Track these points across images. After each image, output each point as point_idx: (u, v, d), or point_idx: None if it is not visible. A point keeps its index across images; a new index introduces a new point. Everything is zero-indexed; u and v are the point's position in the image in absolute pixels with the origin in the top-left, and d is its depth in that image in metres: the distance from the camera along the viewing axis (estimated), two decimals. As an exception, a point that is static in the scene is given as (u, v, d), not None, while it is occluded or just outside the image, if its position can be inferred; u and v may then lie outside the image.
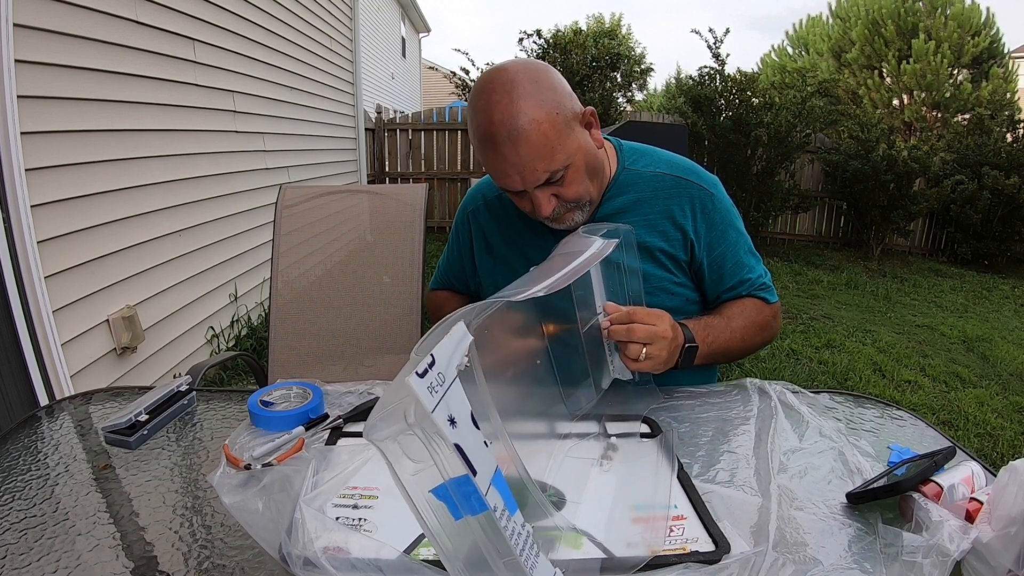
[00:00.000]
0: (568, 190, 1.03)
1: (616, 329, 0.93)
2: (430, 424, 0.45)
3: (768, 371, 3.43)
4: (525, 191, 1.01)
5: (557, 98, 0.98)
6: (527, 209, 1.07)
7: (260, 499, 0.68)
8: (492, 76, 0.98)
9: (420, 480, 0.48)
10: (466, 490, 0.47)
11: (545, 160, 0.97)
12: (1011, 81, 11.04)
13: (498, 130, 0.95)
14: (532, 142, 0.95)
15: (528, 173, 0.98)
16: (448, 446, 0.46)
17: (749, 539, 0.67)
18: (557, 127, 0.97)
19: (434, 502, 0.48)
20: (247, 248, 3.59)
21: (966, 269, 6.80)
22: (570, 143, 0.99)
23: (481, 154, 1.01)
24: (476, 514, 0.48)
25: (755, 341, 1.16)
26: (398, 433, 0.46)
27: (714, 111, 6.36)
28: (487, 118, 0.96)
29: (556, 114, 0.97)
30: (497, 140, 0.95)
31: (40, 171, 1.99)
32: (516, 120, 0.94)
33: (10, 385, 1.92)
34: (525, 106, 0.95)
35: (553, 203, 1.03)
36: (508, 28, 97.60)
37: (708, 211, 1.14)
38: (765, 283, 1.20)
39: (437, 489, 0.47)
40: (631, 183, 1.15)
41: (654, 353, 0.93)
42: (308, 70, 4.70)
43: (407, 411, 0.45)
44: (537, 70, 1.00)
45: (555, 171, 0.99)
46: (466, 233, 1.29)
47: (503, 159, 0.97)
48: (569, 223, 1.09)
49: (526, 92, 0.95)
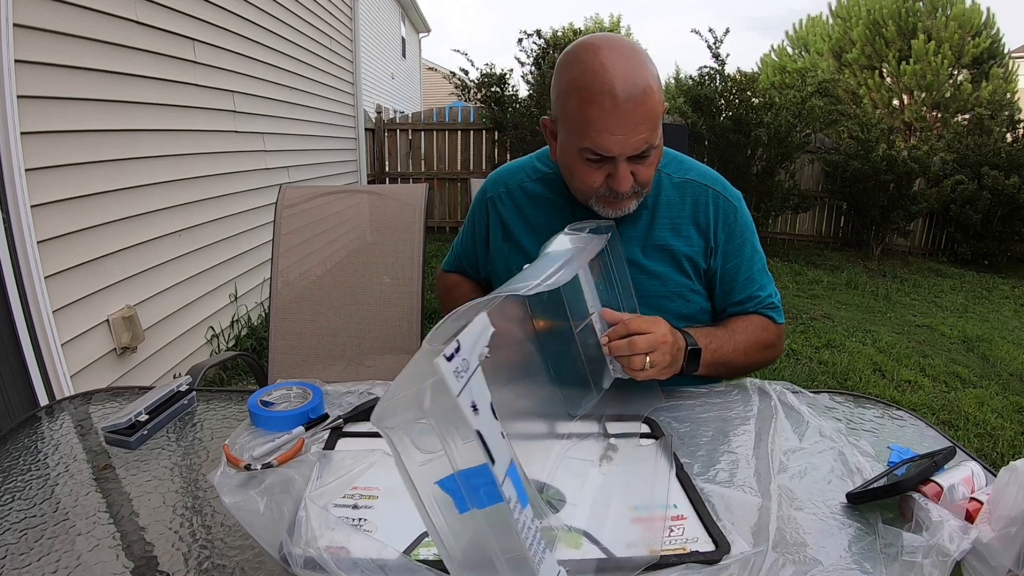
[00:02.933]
0: (647, 171, 1.02)
1: (617, 345, 0.92)
2: (454, 408, 0.45)
3: (768, 371, 3.42)
4: (611, 160, 0.99)
5: (659, 81, 1.00)
6: (595, 183, 1.02)
7: (261, 499, 0.68)
8: (607, 36, 0.99)
9: (427, 471, 0.47)
10: (477, 481, 0.47)
11: (651, 130, 0.97)
12: (1011, 81, 11.04)
13: (618, 85, 0.93)
14: (648, 107, 0.95)
15: (633, 137, 0.96)
16: (470, 432, 0.46)
17: (749, 539, 0.67)
18: (661, 104, 0.98)
19: (439, 495, 0.48)
20: (247, 248, 3.59)
21: (966, 269, 6.79)
22: (661, 125, 1.00)
23: (583, 109, 0.96)
24: (484, 507, 0.48)
25: (757, 358, 1.14)
26: (409, 422, 0.46)
27: (714, 111, 6.36)
28: (605, 72, 0.94)
29: (661, 92, 0.98)
30: (617, 94, 0.93)
31: (40, 171, 1.99)
32: (636, 81, 0.94)
33: (10, 385, 1.92)
34: (643, 73, 0.95)
35: (631, 181, 1.01)
36: (508, 28, 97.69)
37: (730, 223, 1.15)
38: (774, 303, 1.19)
39: (444, 481, 0.47)
40: (661, 186, 1.15)
41: (657, 360, 0.92)
42: (308, 70, 4.70)
43: (422, 398, 0.45)
44: (643, 50, 1.01)
45: (651, 145, 0.99)
46: (483, 220, 1.28)
47: (618, 115, 0.94)
48: (625, 209, 1.07)
49: (642, 62, 0.97)
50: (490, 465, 0.47)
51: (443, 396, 0.45)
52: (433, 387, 0.45)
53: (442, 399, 0.45)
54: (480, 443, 0.46)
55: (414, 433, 0.46)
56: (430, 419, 0.45)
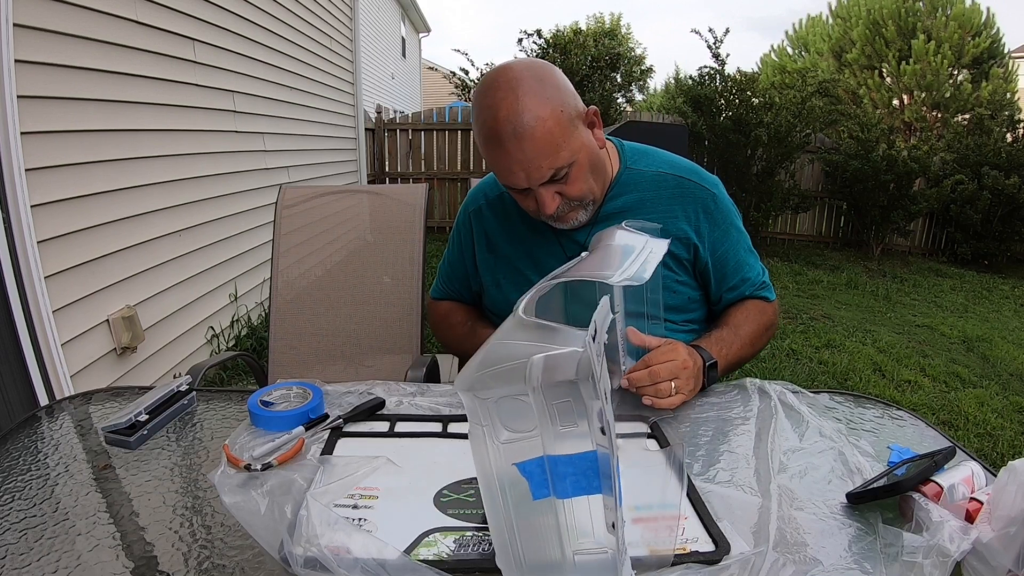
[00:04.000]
0: (572, 188, 1.03)
1: (637, 376, 0.93)
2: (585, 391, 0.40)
3: (768, 371, 3.43)
4: (529, 189, 1.02)
5: (561, 96, 0.99)
6: (531, 208, 1.07)
7: (262, 500, 0.68)
8: (497, 74, 0.99)
9: (509, 450, 0.43)
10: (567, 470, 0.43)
11: (549, 157, 0.98)
12: (1011, 81, 11.04)
13: (503, 127, 0.95)
14: (537, 139, 0.96)
15: (533, 170, 0.98)
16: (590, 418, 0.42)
17: (749, 539, 0.67)
18: (561, 124, 0.98)
19: (515, 476, 0.44)
20: (247, 248, 3.59)
21: (966, 269, 6.79)
22: (574, 141, 1.00)
23: (486, 152, 1.01)
24: (567, 496, 0.44)
25: (762, 342, 1.18)
26: (507, 395, 0.42)
27: (714, 111, 6.36)
28: (492, 115, 0.96)
29: (560, 112, 0.98)
30: (502, 137, 0.96)
31: (40, 171, 1.99)
32: (521, 117, 0.95)
33: (10, 385, 1.92)
34: (530, 103, 0.95)
35: (557, 201, 1.03)
36: (508, 28, 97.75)
37: (711, 211, 1.16)
38: (764, 281, 1.22)
39: (526, 464, 0.43)
40: (633, 183, 1.16)
41: (682, 387, 0.94)
42: (308, 70, 4.70)
43: (534, 373, 0.40)
44: (542, 68, 1.00)
45: (559, 168, 0.99)
46: (468, 233, 1.29)
47: (508, 156, 0.97)
48: (572, 222, 1.09)
49: (531, 90, 0.96)
50: (611, 458, 0.43)
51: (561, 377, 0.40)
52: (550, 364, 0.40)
53: (560, 379, 0.40)
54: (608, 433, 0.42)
55: (505, 408, 0.42)
56: (537, 397, 0.41)
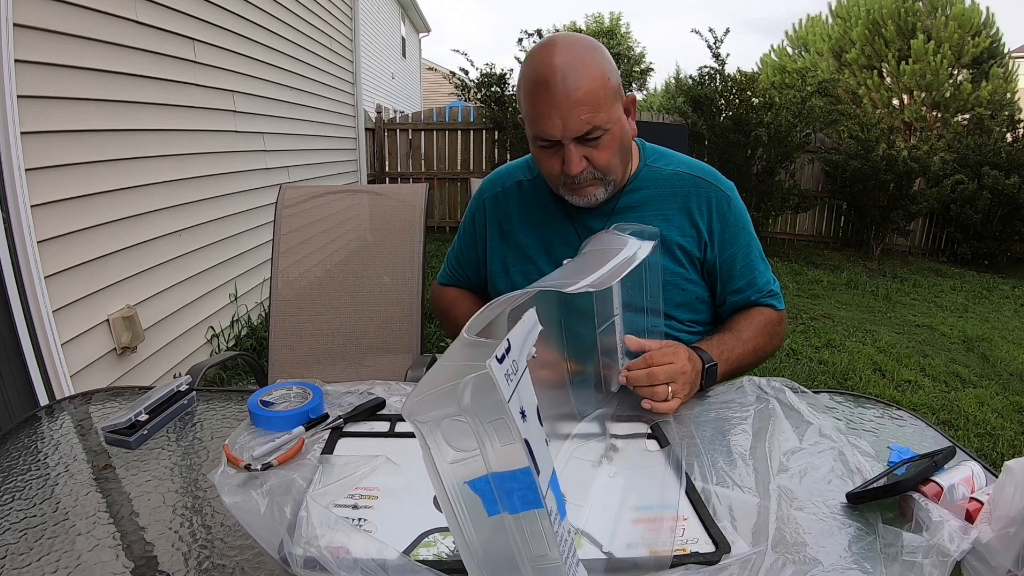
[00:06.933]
0: (600, 155, 1.05)
1: (635, 375, 0.93)
2: (500, 411, 0.42)
3: (768, 371, 3.42)
4: (560, 143, 1.03)
5: (611, 67, 1.05)
6: (555, 170, 1.08)
7: (262, 500, 0.68)
8: (555, 36, 1.05)
9: (458, 470, 0.45)
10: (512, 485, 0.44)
11: (590, 111, 1.00)
12: (1011, 81, 11.04)
13: (555, 72, 0.99)
14: (583, 89, 0.99)
15: (572, 119, 1.00)
16: (515, 438, 0.43)
17: (749, 539, 0.67)
18: (607, 89, 1.02)
19: (468, 495, 0.45)
20: (247, 248, 3.59)
21: (966, 269, 6.79)
22: (613, 111, 1.04)
23: (529, 98, 1.04)
24: (517, 512, 0.45)
25: (765, 350, 1.17)
26: (445, 417, 0.43)
27: (714, 111, 6.36)
28: (546, 62, 1.00)
29: (608, 78, 1.03)
30: (551, 81, 0.99)
31: (40, 171, 1.99)
32: (574, 67, 0.99)
33: (10, 385, 1.92)
34: (585, 59, 1.01)
35: (584, 164, 1.05)
36: (508, 28, 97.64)
37: (724, 212, 1.17)
38: (773, 290, 1.21)
39: (475, 481, 0.45)
40: (652, 179, 1.18)
41: (679, 390, 0.94)
42: (308, 70, 4.70)
43: (462, 394, 0.42)
44: (596, 42, 1.07)
45: (595, 127, 1.02)
46: (481, 220, 1.30)
47: (552, 100, 1.00)
48: (589, 198, 1.10)
49: (586, 51, 1.02)
50: (534, 474, 0.44)
51: (488, 397, 0.42)
52: (476, 385, 0.42)
53: (486, 399, 0.42)
54: (527, 451, 0.44)
55: (447, 429, 0.44)
56: (469, 417, 0.43)
